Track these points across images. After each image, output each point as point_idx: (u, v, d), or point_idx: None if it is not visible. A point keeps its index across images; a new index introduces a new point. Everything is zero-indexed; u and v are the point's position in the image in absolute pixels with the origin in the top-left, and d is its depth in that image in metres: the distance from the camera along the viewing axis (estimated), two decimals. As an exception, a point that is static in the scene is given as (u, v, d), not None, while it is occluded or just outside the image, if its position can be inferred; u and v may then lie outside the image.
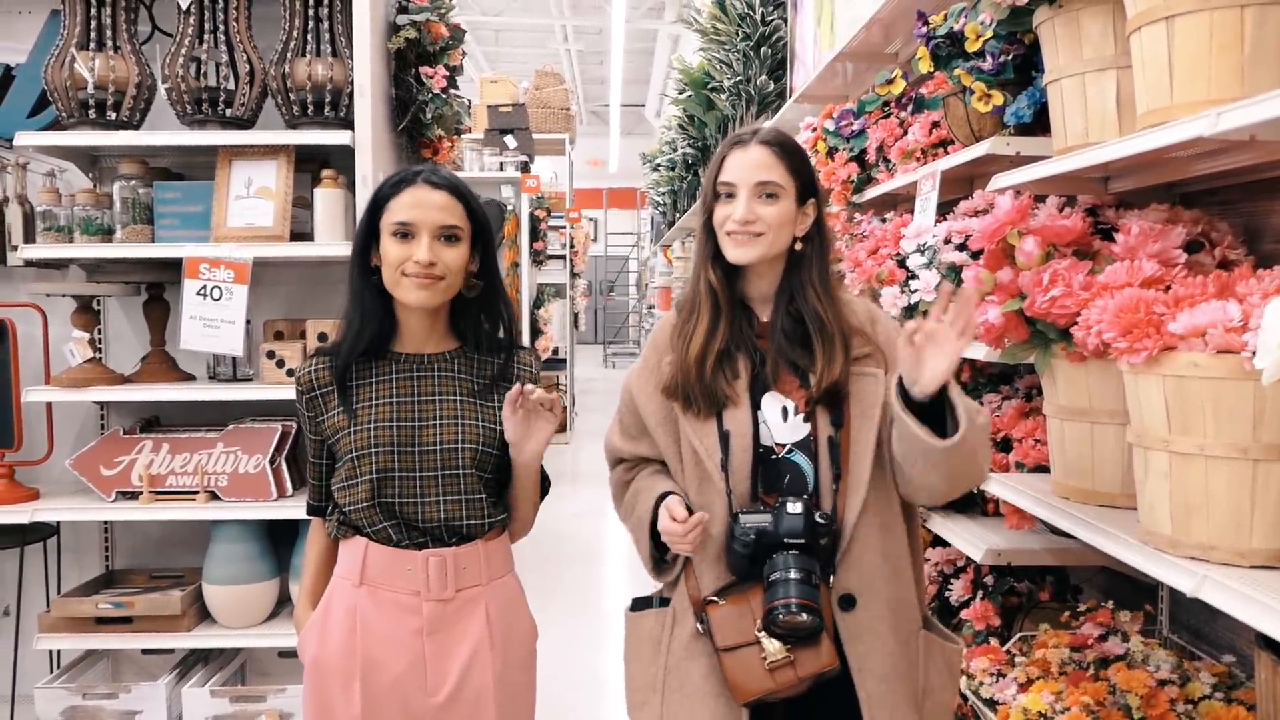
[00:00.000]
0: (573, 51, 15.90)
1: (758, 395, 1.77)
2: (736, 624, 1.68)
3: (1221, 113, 1.36)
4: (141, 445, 3.06)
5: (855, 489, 1.70)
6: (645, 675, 1.80)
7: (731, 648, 1.68)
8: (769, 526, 1.67)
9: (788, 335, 1.77)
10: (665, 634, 1.79)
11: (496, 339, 1.96)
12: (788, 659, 1.65)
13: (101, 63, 2.95)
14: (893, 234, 2.68)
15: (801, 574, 1.62)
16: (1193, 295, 1.56)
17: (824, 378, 1.72)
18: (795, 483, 1.74)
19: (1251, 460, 1.42)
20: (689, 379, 1.76)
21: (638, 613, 1.86)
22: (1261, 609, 1.28)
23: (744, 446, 1.73)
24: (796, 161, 1.78)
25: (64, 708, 3.02)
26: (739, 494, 1.73)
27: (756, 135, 1.78)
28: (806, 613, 1.61)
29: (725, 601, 1.71)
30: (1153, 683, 1.91)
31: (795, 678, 1.65)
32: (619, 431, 1.91)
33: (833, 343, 1.74)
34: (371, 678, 1.85)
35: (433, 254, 1.80)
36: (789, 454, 1.75)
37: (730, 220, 1.75)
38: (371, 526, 1.86)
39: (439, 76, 3.23)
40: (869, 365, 1.76)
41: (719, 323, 1.79)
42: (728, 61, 6.12)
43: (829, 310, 1.76)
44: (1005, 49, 2.18)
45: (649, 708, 1.79)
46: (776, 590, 1.63)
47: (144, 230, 3.03)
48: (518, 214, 7.93)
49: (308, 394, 1.91)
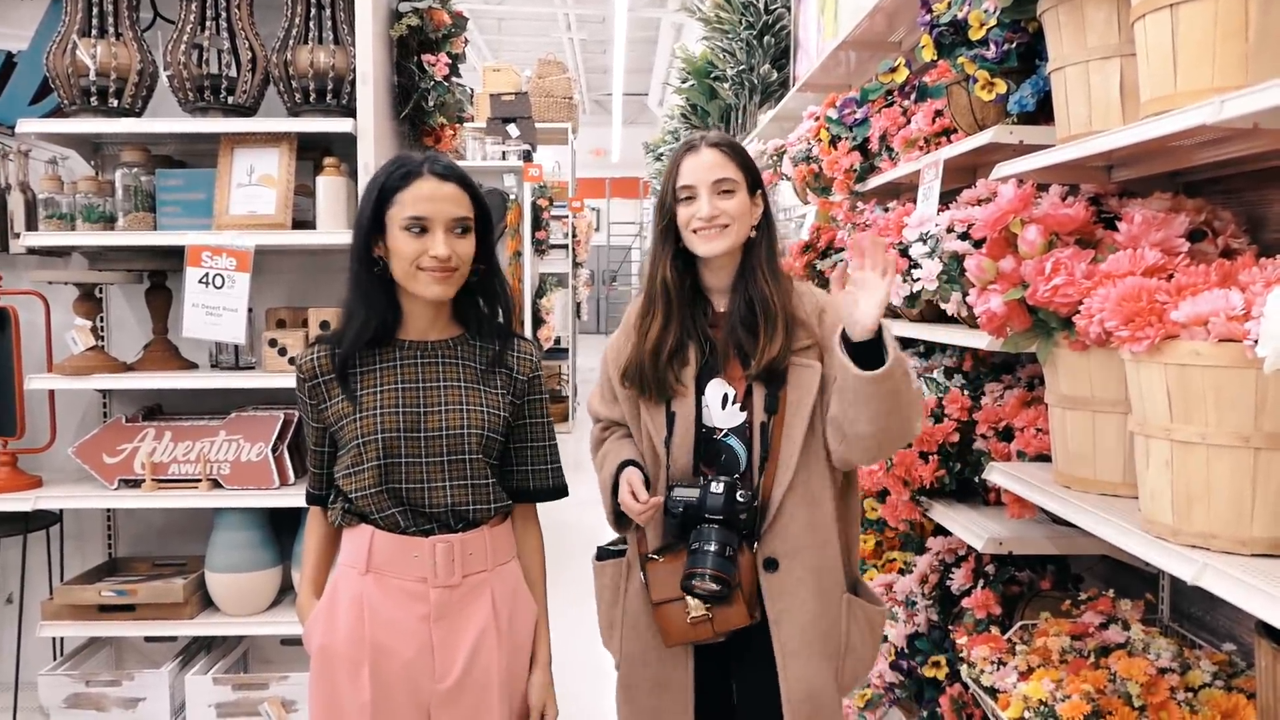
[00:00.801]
0: (575, 40, 15.85)
1: (704, 381, 1.99)
2: (668, 580, 1.93)
3: (1225, 100, 1.36)
4: (144, 433, 3.07)
5: (784, 468, 1.92)
6: (609, 615, 2.09)
7: (662, 601, 1.94)
8: (695, 501, 1.91)
9: (742, 321, 1.96)
10: (622, 581, 2.07)
11: (495, 324, 1.96)
12: (706, 616, 1.91)
13: (103, 50, 2.94)
14: (895, 223, 2.67)
15: (718, 546, 1.87)
16: (1195, 284, 1.55)
17: (764, 355, 1.92)
18: (729, 463, 1.98)
19: (1253, 449, 1.42)
20: (642, 371, 1.98)
21: (601, 562, 2.12)
22: (1262, 597, 1.28)
23: (686, 428, 1.97)
24: (744, 159, 1.99)
25: (67, 695, 3.03)
26: (679, 468, 1.98)
27: (705, 139, 1.98)
28: (716, 582, 1.86)
29: (663, 559, 1.96)
30: (1153, 671, 1.91)
31: (713, 632, 1.93)
32: (599, 395, 2.13)
33: (775, 324, 1.93)
34: (380, 665, 1.85)
35: (449, 247, 1.81)
36: (725, 437, 1.99)
37: (695, 219, 1.94)
38: (379, 513, 1.86)
39: (441, 64, 3.22)
40: (808, 357, 1.94)
41: (671, 319, 1.99)
42: (731, 50, 6.11)
43: (775, 293, 1.95)
44: (1009, 37, 2.17)
45: (613, 642, 2.09)
46: (696, 559, 1.87)
47: (146, 218, 3.03)
48: (520, 203, 7.93)
49: (309, 381, 1.91)
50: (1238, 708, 1.80)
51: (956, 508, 2.42)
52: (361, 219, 1.86)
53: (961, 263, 2.13)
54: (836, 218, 3.54)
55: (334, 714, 1.88)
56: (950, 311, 2.30)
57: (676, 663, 2.01)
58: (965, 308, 2.18)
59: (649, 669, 2.02)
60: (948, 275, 2.23)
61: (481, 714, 1.89)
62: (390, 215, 1.82)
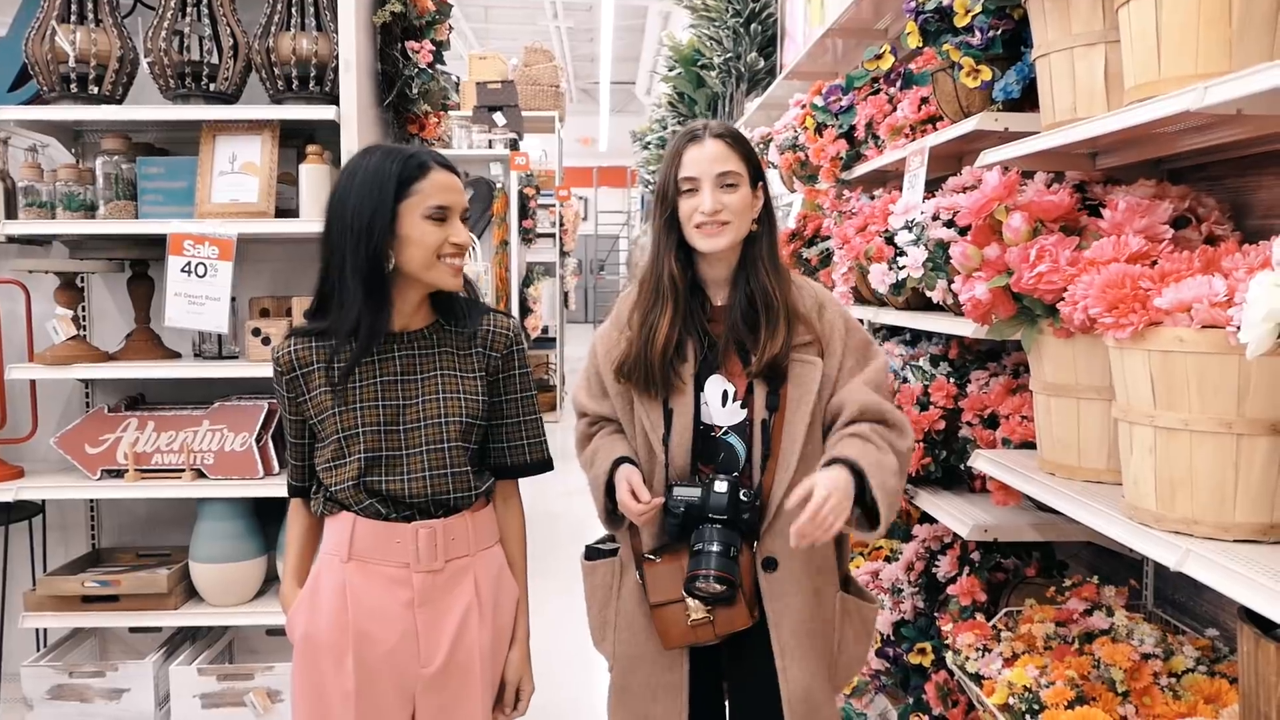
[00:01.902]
0: (562, 28, 15.79)
1: (703, 377, 1.93)
2: (667, 582, 1.88)
3: (1209, 87, 1.35)
4: (127, 423, 3.05)
5: (784, 467, 1.87)
6: (601, 616, 2.03)
7: (661, 604, 1.89)
8: (696, 500, 1.86)
9: (743, 316, 1.91)
10: (615, 581, 2.01)
11: (469, 304, 1.95)
12: (707, 618, 1.87)
13: (83, 36, 2.91)
14: (881, 211, 2.67)
15: (721, 547, 1.82)
16: (1179, 270, 1.56)
17: (765, 352, 1.87)
18: (728, 461, 1.93)
19: (1235, 435, 1.42)
20: (648, 368, 1.91)
21: (591, 562, 2.05)
22: (1244, 582, 1.29)
23: (685, 425, 1.91)
24: (747, 149, 1.93)
25: (50, 686, 3.01)
26: (677, 467, 1.92)
27: (708, 129, 1.91)
28: (721, 583, 1.81)
29: (660, 560, 1.90)
30: (1137, 657, 1.92)
31: (713, 634, 1.88)
32: (585, 388, 2.05)
33: (777, 320, 1.88)
34: (364, 651, 1.85)
35: (464, 234, 1.84)
36: (725, 435, 1.93)
37: (698, 213, 1.87)
38: (359, 504, 1.86)
39: (425, 51, 3.19)
40: (809, 353, 1.91)
41: (678, 314, 1.92)
42: (718, 38, 6.10)
43: (777, 287, 1.90)
44: (994, 24, 2.17)
45: (605, 644, 2.03)
46: (698, 560, 1.82)
47: (127, 206, 3.00)
48: (507, 192, 7.90)
49: (288, 374, 1.89)
50: (1220, 693, 1.81)
51: (942, 495, 2.42)
52: (377, 208, 1.78)
53: (947, 250, 2.12)
54: (822, 206, 3.54)
55: (319, 702, 1.88)
56: (936, 299, 2.30)
57: (672, 665, 1.96)
58: (950, 295, 2.18)
59: (644, 672, 1.98)
60: (933, 263, 2.23)
61: (465, 697, 1.89)
62: (407, 205, 1.79)
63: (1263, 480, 1.43)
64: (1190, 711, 1.79)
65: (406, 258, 1.81)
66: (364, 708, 1.85)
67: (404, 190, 1.79)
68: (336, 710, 1.86)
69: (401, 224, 1.79)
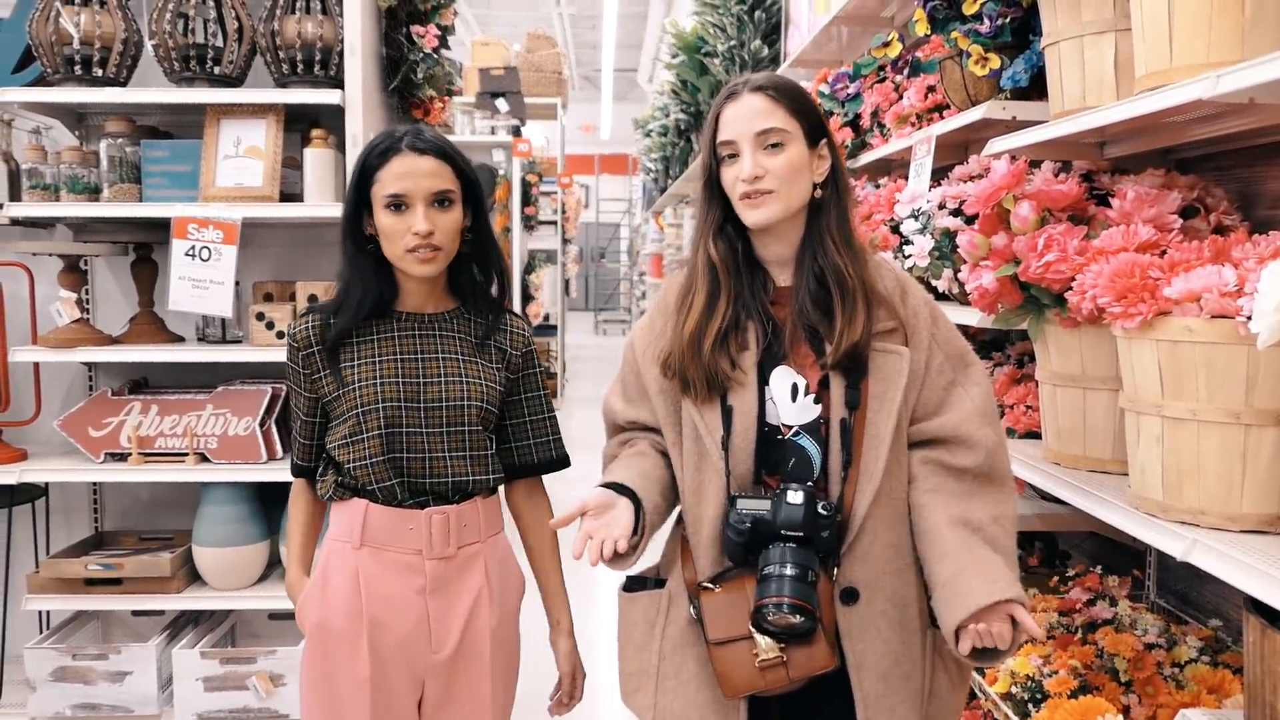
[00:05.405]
0: (565, 15, 15.73)
1: (768, 369, 1.61)
2: (729, 615, 1.56)
3: (1222, 75, 1.35)
4: (130, 406, 3.04)
5: (868, 477, 1.56)
6: (639, 660, 1.68)
7: (723, 641, 1.55)
8: (767, 514, 1.54)
9: (812, 298, 1.60)
10: (660, 618, 1.66)
11: (489, 298, 1.95)
12: (780, 659, 1.53)
13: (87, 18, 2.90)
14: (887, 199, 2.66)
15: (797, 570, 1.49)
16: (1188, 260, 1.55)
17: (843, 339, 1.56)
18: (800, 468, 1.60)
19: (1243, 425, 1.42)
20: (684, 361, 1.61)
21: (632, 594, 1.71)
22: (1251, 573, 1.29)
23: (747, 425, 1.59)
24: (798, 102, 1.61)
25: (54, 668, 3.02)
26: (739, 475, 1.59)
27: (748, 84, 1.61)
28: (799, 614, 1.48)
29: (720, 589, 1.58)
30: (1140, 646, 1.93)
31: (787, 678, 1.54)
32: (620, 392, 1.76)
33: (854, 301, 1.57)
34: (378, 638, 1.85)
35: (429, 222, 1.78)
36: (795, 436, 1.60)
37: (740, 181, 1.58)
38: (379, 484, 1.85)
39: (430, 35, 3.18)
40: (892, 341, 1.60)
41: (718, 298, 1.63)
42: (722, 26, 6.07)
43: (850, 264, 1.59)
44: (1003, 12, 2.16)
45: (643, 694, 1.66)
46: (769, 586, 1.50)
47: (131, 189, 2.99)
48: (509, 178, 7.89)
49: (303, 350, 1.89)
50: (1223, 683, 1.81)
51: (945, 484, 2.42)
52: (350, 198, 1.85)
53: (953, 239, 2.12)
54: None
55: (330, 690, 1.88)
56: (942, 288, 2.30)
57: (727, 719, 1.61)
58: (957, 284, 2.18)
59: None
60: (939, 252, 2.22)
61: (475, 682, 1.89)
62: (373, 193, 1.81)
63: (1270, 471, 1.43)
64: (1193, 701, 1.79)
65: (385, 248, 1.82)
66: (376, 694, 1.85)
67: (369, 178, 1.81)
68: (349, 697, 1.86)
69: (375, 211, 1.81)
